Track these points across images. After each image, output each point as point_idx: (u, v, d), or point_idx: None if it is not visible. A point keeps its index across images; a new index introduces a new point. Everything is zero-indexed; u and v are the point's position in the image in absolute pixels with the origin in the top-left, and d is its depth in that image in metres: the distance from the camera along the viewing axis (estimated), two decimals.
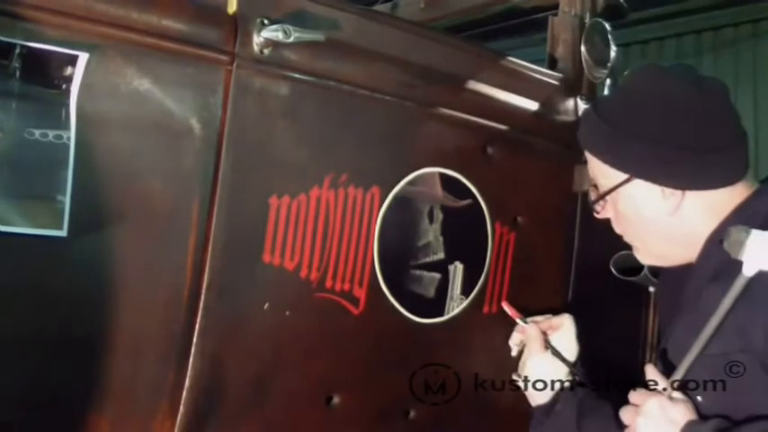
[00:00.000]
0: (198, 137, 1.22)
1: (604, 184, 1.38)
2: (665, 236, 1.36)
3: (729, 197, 1.32)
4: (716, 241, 1.29)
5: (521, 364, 1.61)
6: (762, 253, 1.23)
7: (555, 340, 1.59)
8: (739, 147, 1.34)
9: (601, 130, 1.36)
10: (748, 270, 1.22)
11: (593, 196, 1.43)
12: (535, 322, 1.60)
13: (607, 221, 1.45)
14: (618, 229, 1.43)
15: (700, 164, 1.31)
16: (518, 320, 1.61)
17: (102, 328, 1.16)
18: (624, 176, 1.35)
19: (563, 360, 1.57)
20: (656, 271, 1.62)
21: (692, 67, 1.44)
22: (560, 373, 1.57)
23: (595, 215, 1.44)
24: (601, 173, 1.39)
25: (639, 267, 1.65)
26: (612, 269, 1.74)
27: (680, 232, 1.35)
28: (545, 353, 1.57)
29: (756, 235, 1.22)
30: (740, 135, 1.35)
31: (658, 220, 1.35)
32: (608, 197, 1.39)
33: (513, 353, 1.63)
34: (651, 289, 1.83)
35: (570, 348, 1.59)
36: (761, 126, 5.56)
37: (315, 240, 1.35)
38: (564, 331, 1.60)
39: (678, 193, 1.32)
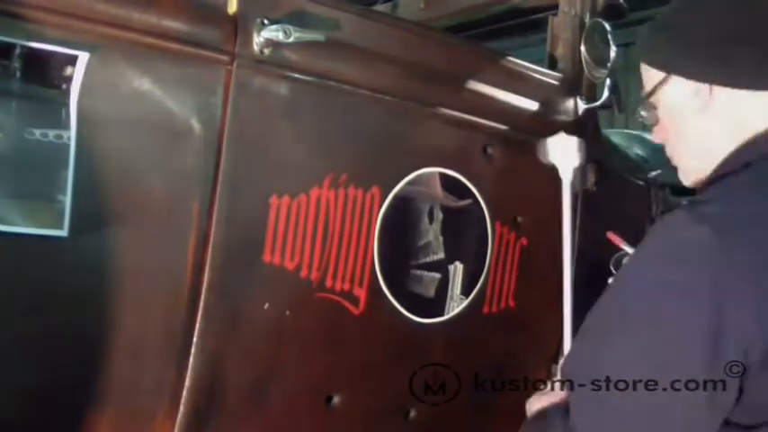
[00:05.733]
0: (198, 137, 1.22)
1: (648, 90, 1.33)
2: (690, 143, 1.29)
3: (763, 112, 1.21)
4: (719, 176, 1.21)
5: None
6: (567, 153, 1.29)
7: None
8: None
9: (647, 34, 1.34)
10: (564, 174, 1.27)
11: (643, 111, 1.35)
12: None
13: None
14: (657, 137, 1.36)
15: (723, 55, 1.21)
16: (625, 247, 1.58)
17: (103, 327, 1.16)
18: (662, 75, 1.29)
19: None
20: None
21: None
22: None
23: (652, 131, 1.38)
24: (648, 79, 1.33)
25: None
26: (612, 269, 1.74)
27: (701, 143, 1.27)
28: None
29: (557, 137, 1.26)
30: None
31: (687, 121, 1.28)
32: (657, 110, 1.32)
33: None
34: None
35: None
36: None
37: (315, 240, 1.35)
38: None
39: (705, 88, 1.24)
